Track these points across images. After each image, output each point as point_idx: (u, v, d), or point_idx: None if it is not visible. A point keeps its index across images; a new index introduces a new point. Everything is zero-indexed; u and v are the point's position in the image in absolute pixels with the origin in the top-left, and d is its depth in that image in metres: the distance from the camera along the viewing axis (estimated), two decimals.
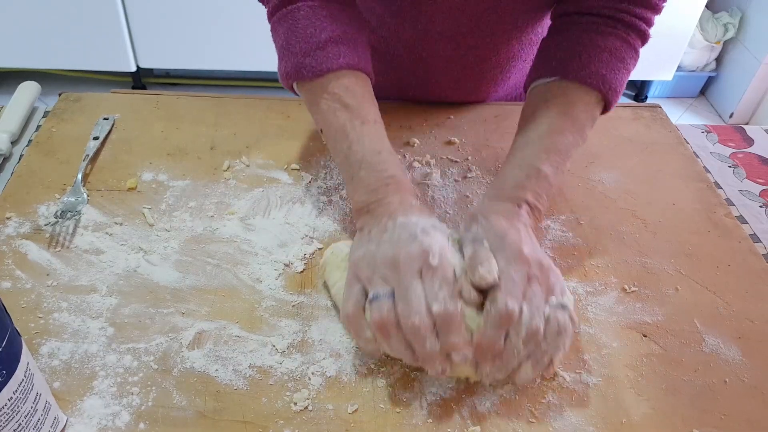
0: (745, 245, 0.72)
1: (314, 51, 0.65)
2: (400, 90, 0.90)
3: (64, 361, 0.56)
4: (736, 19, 2.47)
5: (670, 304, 0.65)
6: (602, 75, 0.67)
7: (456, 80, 0.87)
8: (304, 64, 0.66)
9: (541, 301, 0.53)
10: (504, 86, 0.91)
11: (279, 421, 0.53)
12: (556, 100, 0.68)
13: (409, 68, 0.87)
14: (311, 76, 0.66)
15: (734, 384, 0.58)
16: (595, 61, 0.67)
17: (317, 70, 0.65)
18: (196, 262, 0.66)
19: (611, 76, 0.67)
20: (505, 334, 0.52)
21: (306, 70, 0.66)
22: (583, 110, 0.67)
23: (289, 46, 0.67)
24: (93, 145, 0.79)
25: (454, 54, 0.83)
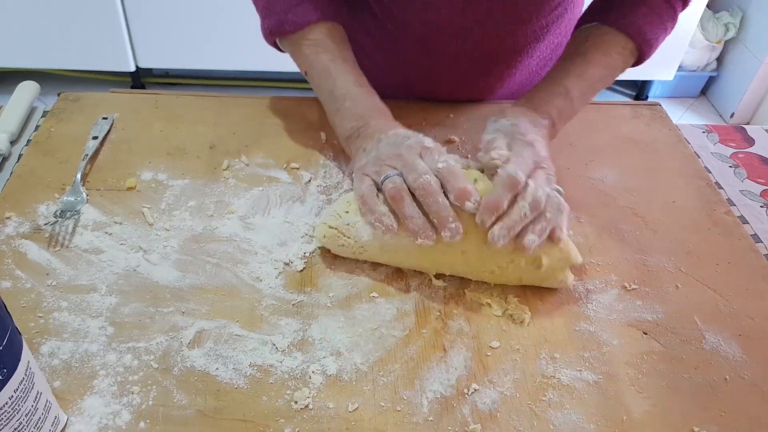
0: (745, 243, 0.72)
1: (294, 7, 0.74)
2: (407, 86, 0.90)
3: (64, 360, 0.56)
4: (736, 19, 2.47)
5: (670, 301, 0.65)
6: (638, 26, 0.73)
7: (463, 76, 0.88)
8: (285, 20, 0.74)
9: (544, 182, 0.62)
10: (510, 83, 0.91)
11: (280, 419, 0.53)
12: (594, 40, 0.75)
13: (415, 64, 0.87)
14: (293, 30, 0.74)
15: (734, 381, 0.58)
16: (634, 12, 0.73)
17: (297, 24, 0.74)
18: (196, 261, 0.66)
19: (647, 29, 0.73)
20: (512, 199, 0.59)
21: (288, 24, 0.74)
22: (617, 52, 0.74)
23: (270, 6, 0.75)
24: (92, 145, 0.79)
25: (460, 49, 0.83)
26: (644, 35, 0.73)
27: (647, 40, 0.73)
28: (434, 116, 0.88)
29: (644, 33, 0.73)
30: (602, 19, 0.75)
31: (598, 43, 0.74)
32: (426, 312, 0.62)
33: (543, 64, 0.92)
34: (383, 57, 0.88)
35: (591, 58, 0.73)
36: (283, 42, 0.77)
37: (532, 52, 0.86)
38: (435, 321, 0.62)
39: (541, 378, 0.57)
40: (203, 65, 2.38)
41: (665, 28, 0.74)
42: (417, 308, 0.63)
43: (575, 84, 0.72)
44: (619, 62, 0.75)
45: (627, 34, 0.73)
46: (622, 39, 0.74)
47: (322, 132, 0.83)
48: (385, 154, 0.64)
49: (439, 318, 0.62)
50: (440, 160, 0.62)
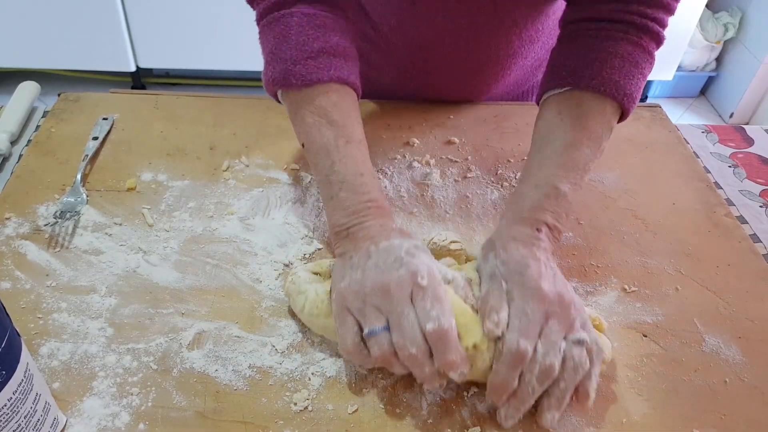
0: (745, 245, 0.72)
1: (305, 60, 0.64)
2: (400, 85, 0.90)
3: (63, 361, 0.56)
4: (736, 19, 2.47)
5: (670, 304, 0.65)
6: (615, 81, 0.64)
7: (456, 76, 0.87)
8: (293, 72, 0.64)
9: (558, 338, 0.52)
10: (504, 83, 0.91)
11: (279, 421, 0.53)
12: (569, 112, 0.66)
13: (409, 63, 0.87)
14: (299, 85, 0.64)
15: (734, 384, 0.58)
16: (607, 67, 0.65)
17: (306, 79, 0.64)
18: (196, 262, 0.66)
19: (625, 82, 0.65)
20: (519, 374, 0.51)
21: (294, 77, 0.64)
22: (599, 121, 0.65)
23: (278, 52, 0.65)
24: (92, 145, 0.79)
25: (453, 49, 0.83)
26: (623, 90, 0.65)
27: (628, 95, 0.65)
28: (434, 117, 0.88)
29: (623, 88, 0.64)
30: (573, 83, 0.66)
31: (576, 116, 0.65)
32: None
33: (538, 64, 0.92)
34: (379, 57, 0.88)
35: (572, 138, 0.64)
36: (285, 97, 0.67)
37: (526, 53, 0.86)
38: None
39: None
40: (203, 65, 2.38)
41: (644, 75, 0.67)
42: None
43: (562, 178, 0.62)
44: (604, 131, 0.65)
45: (605, 95, 0.64)
46: (599, 103, 0.65)
47: None
48: (371, 285, 0.54)
49: None
50: (431, 314, 0.51)
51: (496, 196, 0.76)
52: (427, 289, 0.53)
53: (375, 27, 0.84)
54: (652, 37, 0.67)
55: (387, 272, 0.54)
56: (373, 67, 0.86)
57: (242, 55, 2.29)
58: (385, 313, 0.53)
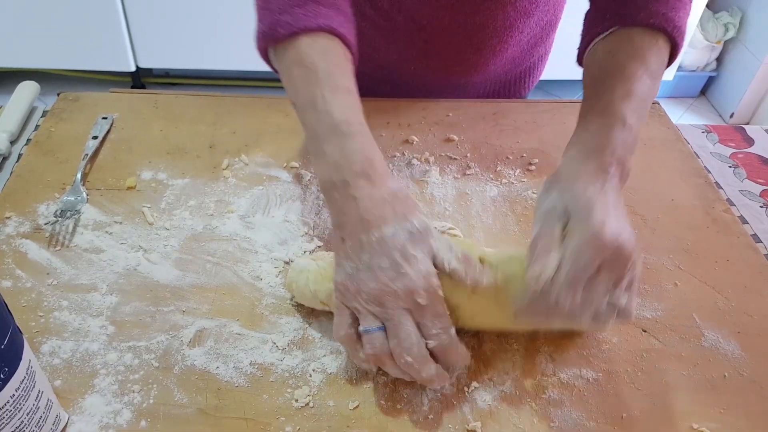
0: (744, 240, 0.72)
1: (292, 8, 0.60)
2: (402, 64, 0.90)
3: (65, 359, 0.56)
4: (736, 19, 2.47)
5: (669, 299, 0.65)
6: (663, 14, 0.62)
7: (456, 51, 0.87)
8: (279, 21, 0.60)
9: (601, 295, 0.51)
10: (502, 58, 0.91)
11: (280, 417, 0.53)
12: (622, 48, 0.63)
13: (409, 40, 0.87)
14: (286, 34, 0.60)
15: (733, 378, 0.58)
16: (651, 1, 0.63)
17: (294, 27, 0.59)
18: (196, 260, 0.66)
19: (673, 14, 0.63)
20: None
21: (282, 26, 0.60)
22: (654, 54, 0.63)
23: (267, 4, 0.62)
24: (92, 145, 0.79)
25: (452, 25, 0.83)
26: (672, 22, 0.62)
27: (677, 27, 0.63)
28: (433, 115, 0.88)
29: (671, 20, 0.62)
30: (620, 22, 0.64)
31: (630, 52, 0.62)
32: None
33: (534, 41, 0.93)
34: (379, 36, 0.87)
35: (631, 72, 0.61)
36: (275, 56, 0.63)
37: (522, 27, 0.86)
38: None
39: (540, 376, 0.57)
40: (203, 65, 2.38)
41: (686, 9, 0.65)
42: None
43: (627, 108, 0.59)
44: (659, 66, 0.63)
45: (656, 29, 0.63)
46: (651, 36, 0.63)
47: None
48: (365, 291, 0.52)
49: None
50: (432, 332, 0.51)
51: (496, 193, 0.76)
52: (426, 307, 0.51)
53: (374, 5, 0.84)
54: None
55: (381, 283, 0.51)
56: (374, 47, 0.85)
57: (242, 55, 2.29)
58: (381, 318, 0.52)
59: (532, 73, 1.00)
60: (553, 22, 0.92)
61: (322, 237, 0.70)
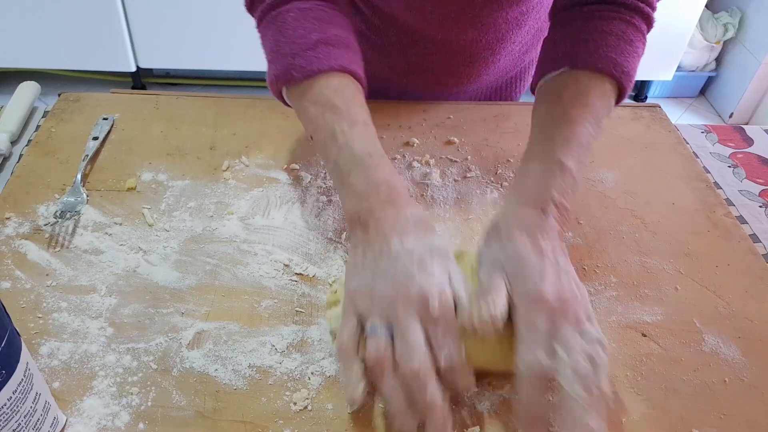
0: (745, 245, 0.72)
1: (304, 51, 0.63)
2: (397, 77, 0.90)
3: (63, 361, 0.56)
4: (736, 19, 2.47)
5: (669, 303, 0.65)
6: (612, 59, 0.64)
7: (449, 64, 0.88)
8: (294, 65, 0.63)
9: (577, 341, 0.49)
10: (495, 68, 0.91)
11: (278, 420, 0.53)
12: (568, 90, 0.65)
13: (401, 54, 0.87)
14: (301, 78, 0.63)
15: (734, 383, 0.58)
16: (603, 46, 0.65)
17: (307, 71, 0.63)
18: (196, 262, 0.66)
19: (622, 60, 0.65)
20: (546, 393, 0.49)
21: (296, 70, 0.63)
22: (598, 98, 0.65)
23: (278, 49, 0.65)
24: (92, 145, 0.79)
25: (445, 39, 0.83)
26: (621, 67, 0.65)
27: (626, 72, 0.65)
28: (434, 117, 0.88)
29: (620, 65, 0.64)
30: (570, 63, 0.66)
31: (575, 94, 0.64)
32: None
33: (525, 49, 0.93)
34: (371, 49, 0.88)
35: (573, 117, 0.63)
36: (290, 94, 0.66)
37: (513, 37, 0.86)
38: None
39: None
40: (203, 65, 2.38)
41: (638, 54, 0.67)
42: None
43: (566, 153, 0.60)
44: (603, 109, 0.65)
45: (602, 72, 0.64)
46: (597, 80, 0.65)
47: None
48: (379, 295, 0.52)
49: None
50: (444, 347, 0.50)
51: (496, 196, 0.76)
52: (439, 320, 0.51)
53: (366, 20, 0.85)
54: (643, 18, 0.68)
55: (397, 287, 0.52)
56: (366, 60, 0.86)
57: (242, 55, 2.29)
58: (390, 322, 0.51)
59: (522, 77, 1.01)
60: (544, 27, 0.93)
61: (321, 239, 0.69)
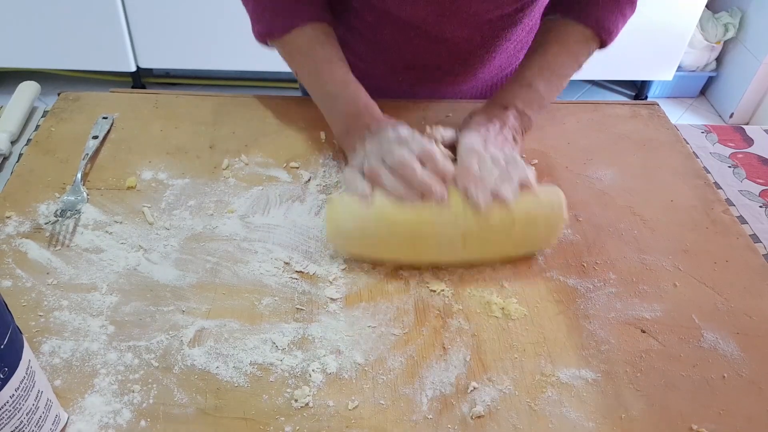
0: (743, 241, 0.72)
1: (281, 11, 0.77)
2: (388, 74, 0.91)
3: (65, 359, 0.56)
4: (736, 19, 2.47)
5: (668, 300, 0.65)
6: (596, 17, 0.77)
7: (443, 61, 0.88)
8: (273, 24, 0.78)
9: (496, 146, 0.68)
10: (490, 67, 0.92)
11: (280, 417, 0.53)
12: (555, 32, 0.80)
13: (397, 53, 0.88)
14: (282, 32, 0.78)
15: (732, 379, 0.58)
16: (592, 3, 0.78)
17: (286, 27, 0.77)
18: (196, 260, 0.66)
19: (605, 18, 0.77)
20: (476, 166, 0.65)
21: (276, 28, 0.78)
22: (576, 41, 0.79)
23: (257, 9, 0.79)
24: (92, 144, 0.79)
25: (439, 37, 0.83)
26: (601, 23, 0.77)
27: (605, 28, 0.78)
28: (433, 116, 0.88)
29: (601, 21, 0.77)
30: (562, 12, 0.80)
31: (557, 35, 0.79)
32: (425, 310, 0.63)
33: (520, 47, 0.93)
34: (366, 49, 0.88)
35: (550, 48, 0.78)
36: (273, 44, 0.80)
37: (508, 35, 0.87)
38: (434, 319, 0.62)
39: (539, 376, 0.57)
40: (203, 65, 2.38)
41: (623, 13, 0.79)
42: (416, 307, 0.63)
43: (537, 74, 0.77)
44: (581, 49, 0.79)
45: (584, 25, 0.78)
46: (579, 28, 0.78)
47: (322, 131, 0.83)
48: (369, 150, 0.68)
49: (439, 316, 0.62)
50: (416, 146, 0.66)
51: None
52: (410, 136, 0.68)
53: (360, 17, 0.85)
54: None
55: (380, 140, 0.68)
56: (361, 58, 0.88)
57: (242, 55, 2.29)
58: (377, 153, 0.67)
59: None
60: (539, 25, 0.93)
61: (321, 237, 0.70)
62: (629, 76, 2.59)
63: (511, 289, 0.65)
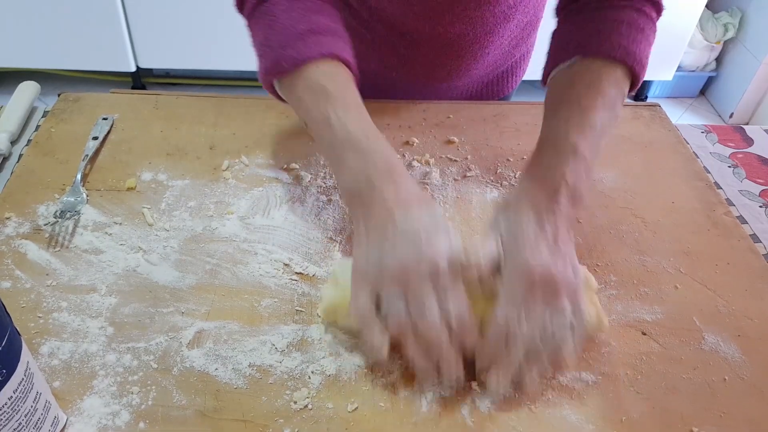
0: (744, 243, 0.72)
1: (293, 42, 0.64)
2: (383, 70, 0.90)
3: (63, 360, 0.56)
4: (736, 19, 2.47)
5: (669, 302, 0.65)
6: (624, 47, 0.64)
7: (437, 57, 0.87)
8: (283, 56, 0.63)
9: (540, 311, 0.54)
10: (484, 62, 0.91)
11: (279, 419, 0.53)
12: (581, 79, 0.65)
13: (390, 48, 0.87)
14: (291, 68, 0.63)
15: (733, 382, 0.58)
16: (615, 34, 0.65)
17: (297, 60, 0.63)
18: (196, 261, 0.66)
19: (634, 48, 0.65)
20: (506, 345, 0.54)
21: (285, 61, 0.63)
22: (612, 85, 0.64)
23: (267, 41, 0.66)
24: (92, 145, 0.79)
25: (433, 32, 0.83)
26: (633, 55, 0.65)
27: (638, 60, 0.65)
28: (434, 116, 0.88)
29: (632, 53, 0.65)
30: (582, 52, 0.66)
31: (588, 82, 0.65)
32: None
33: (515, 43, 0.93)
34: (359, 43, 0.87)
35: (587, 103, 0.63)
36: (281, 84, 0.66)
37: (502, 31, 0.86)
38: None
39: (539, 378, 0.57)
40: (203, 65, 2.38)
41: (649, 42, 0.67)
42: None
43: (581, 137, 0.61)
44: (617, 96, 0.65)
45: (615, 61, 0.64)
46: (611, 68, 0.65)
47: None
48: (390, 264, 0.54)
49: None
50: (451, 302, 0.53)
51: (496, 195, 0.76)
52: (448, 284, 0.54)
53: (354, 13, 0.84)
54: (653, 5, 0.68)
55: (406, 258, 0.54)
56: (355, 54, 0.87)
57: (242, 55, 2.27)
58: (404, 291, 0.53)
59: (514, 72, 1.00)
60: (534, 21, 0.93)
61: (321, 238, 0.69)
62: None
63: None
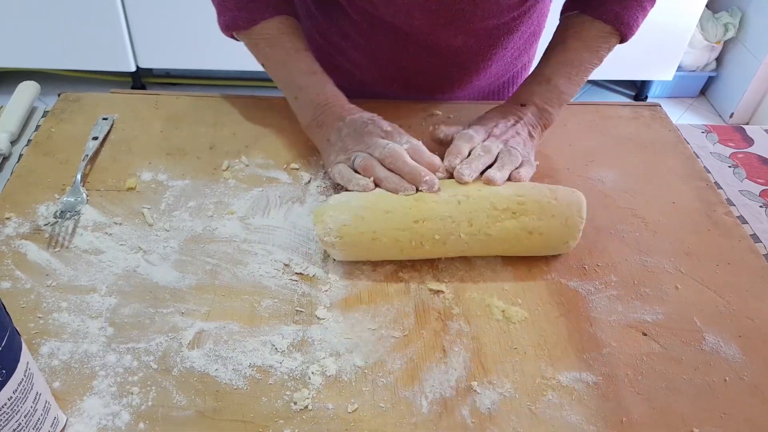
0: (745, 244, 0.72)
1: (246, 4, 0.77)
2: (384, 81, 0.91)
3: (63, 361, 0.56)
4: (736, 19, 2.47)
5: (670, 302, 0.65)
6: (615, 12, 0.76)
7: (438, 69, 0.88)
8: (239, 17, 0.77)
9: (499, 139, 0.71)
10: (486, 74, 0.91)
11: (279, 420, 0.53)
12: (573, 29, 0.79)
13: (392, 60, 0.87)
14: (246, 25, 0.78)
15: (734, 382, 0.58)
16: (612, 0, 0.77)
17: (250, 20, 0.77)
18: (196, 261, 0.66)
19: (624, 13, 0.76)
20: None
21: (241, 21, 0.78)
22: (596, 36, 0.78)
23: (223, 1, 0.79)
24: (92, 145, 0.79)
25: (434, 44, 0.83)
26: (621, 19, 0.76)
27: (625, 23, 0.76)
28: (434, 117, 0.88)
29: (621, 17, 0.76)
30: (581, 9, 0.79)
31: (577, 31, 0.78)
32: (425, 313, 0.62)
33: (517, 54, 0.93)
34: (360, 55, 0.88)
35: (570, 44, 0.78)
36: (238, 35, 0.80)
37: (505, 44, 0.86)
38: (434, 322, 0.62)
39: (540, 379, 0.57)
40: (203, 65, 2.37)
41: (643, 8, 0.77)
42: (416, 309, 0.63)
43: (556, 70, 0.77)
44: (601, 44, 0.78)
45: (603, 21, 0.77)
46: (599, 24, 0.77)
47: None
48: (350, 143, 0.70)
49: (439, 319, 0.62)
50: (403, 141, 0.69)
51: None
52: (393, 132, 0.71)
53: (355, 24, 0.84)
54: None
55: (360, 131, 0.71)
56: (356, 65, 0.87)
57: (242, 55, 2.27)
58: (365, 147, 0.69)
59: (515, 82, 1.00)
60: (537, 32, 0.93)
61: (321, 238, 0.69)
62: (629, 76, 2.58)
63: (511, 292, 0.65)
